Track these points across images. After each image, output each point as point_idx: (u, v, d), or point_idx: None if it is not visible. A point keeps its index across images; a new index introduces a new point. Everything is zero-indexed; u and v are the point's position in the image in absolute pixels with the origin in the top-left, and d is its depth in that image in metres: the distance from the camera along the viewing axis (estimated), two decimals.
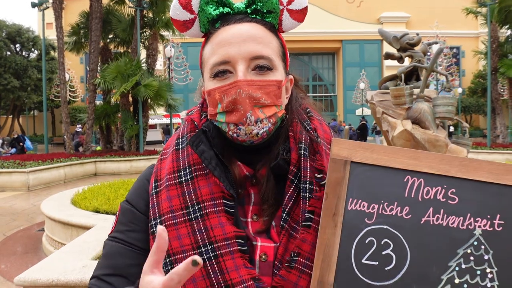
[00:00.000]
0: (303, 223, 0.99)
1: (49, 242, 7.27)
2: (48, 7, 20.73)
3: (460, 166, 0.93)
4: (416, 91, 4.78)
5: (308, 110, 1.15)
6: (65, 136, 21.04)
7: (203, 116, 1.14)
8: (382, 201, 0.94)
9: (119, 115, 21.63)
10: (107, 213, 6.94)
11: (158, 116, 35.64)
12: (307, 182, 1.01)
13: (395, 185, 0.95)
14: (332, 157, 0.97)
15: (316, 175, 1.03)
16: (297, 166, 1.04)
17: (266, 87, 1.00)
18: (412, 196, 0.93)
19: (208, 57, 1.05)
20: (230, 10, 1.06)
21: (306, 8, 1.09)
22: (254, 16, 1.06)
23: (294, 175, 1.04)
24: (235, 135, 1.01)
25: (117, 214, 1.16)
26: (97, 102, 21.92)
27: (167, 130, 34.77)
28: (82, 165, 17.84)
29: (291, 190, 1.03)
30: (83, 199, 7.78)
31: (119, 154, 20.10)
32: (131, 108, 21.81)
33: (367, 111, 35.76)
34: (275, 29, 1.09)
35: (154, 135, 34.47)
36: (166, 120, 34.31)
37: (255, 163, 1.08)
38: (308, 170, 1.03)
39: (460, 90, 41.62)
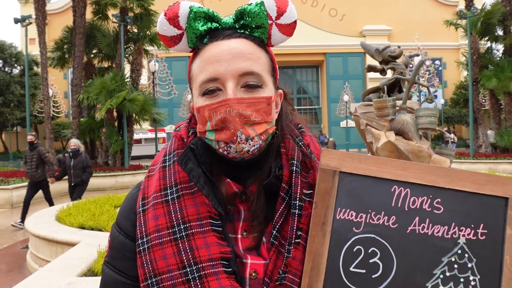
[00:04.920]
0: (295, 241, 0.99)
1: (34, 259, 7.17)
2: (31, 23, 20.66)
3: (446, 177, 0.95)
4: (399, 102, 4.84)
5: (299, 125, 1.15)
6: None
7: (190, 132, 1.13)
8: (369, 211, 0.96)
9: (104, 130, 21.51)
10: (92, 229, 6.88)
11: (143, 130, 35.47)
12: (297, 199, 1.01)
13: (382, 195, 0.97)
14: (321, 167, 0.99)
15: (305, 191, 1.03)
16: (288, 183, 1.04)
17: (256, 104, 0.99)
18: (399, 205, 0.96)
19: (197, 73, 1.04)
20: (218, 25, 1.05)
21: (295, 22, 1.08)
22: (242, 31, 1.05)
23: (286, 192, 1.03)
24: (225, 152, 1.00)
25: (109, 237, 1.16)
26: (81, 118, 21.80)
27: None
28: (66, 181, 17.60)
29: (282, 207, 1.02)
30: (68, 215, 7.70)
31: (104, 169, 19.94)
32: (116, 123, 21.72)
33: (352, 123, 36.03)
34: (264, 44, 1.08)
35: (139, 149, 34.25)
36: (151, 135, 34.04)
37: (245, 179, 1.07)
38: (299, 187, 1.03)
39: (442, 101, 42.14)
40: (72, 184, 10.99)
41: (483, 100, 29.91)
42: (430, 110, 4.63)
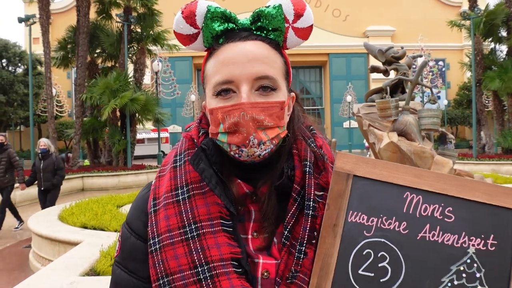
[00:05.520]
0: (308, 241, 0.99)
1: (36, 258, 7.19)
2: (35, 22, 20.71)
3: (457, 186, 0.95)
4: (402, 103, 4.84)
5: (311, 127, 1.15)
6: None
7: (201, 133, 1.12)
8: (381, 215, 0.97)
9: (107, 130, 21.55)
10: (94, 228, 6.89)
11: (146, 130, 35.52)
12: (311, 199, 1.01)
13: (394, 200, 0.97)
14: (335, 169, 1.00)
15: (317, 192, 1.03)
16: (300, 184, 1.04)
17: (270, 109, 0.99)
18: (411, 212, 0.95)
19: (211, 74, 1.03)
20: (235, 26, 1.04)
21: (311, 26, 1.08)
22: (258, 33, 1.04)
23: (298, 193, 1.03)
24: (236, 155, 1.00)
25: (119, 237, 1.16)
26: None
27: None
28: (69, 181, 17.66)
29: (294, 208, 1.02)
30: (71, 215, 7.72)
31: (106, 169, 20.00)
32: (119, 123, 21.75)
33: (354, 124, 36.00)
34: (280, 46, 1.08)
35: (142, 149, 34.29)
36: (154, 135, 34.12)
37: (256, 180, 1.07)
38: (312, 187, 1.03)
39: (445, 102, 42.11)
40: (42, 188, 9.81)
41: (487, 101, 29.83)
42: (433, 111, 4.63)
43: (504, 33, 24.60)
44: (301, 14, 1.06)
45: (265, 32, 1.05)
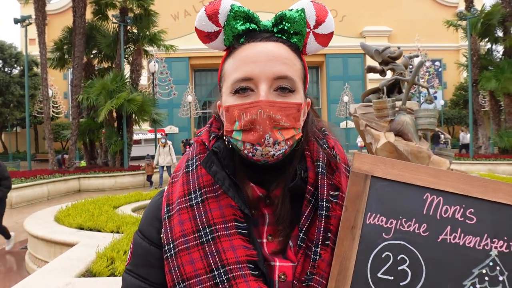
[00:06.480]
0: (323, 242, 0.99)
1: (32, 260, 7.17)
2: (31, 23, 20.67)
3: (479, 187, 0.94)
4: (398, 103, 4.84)
5: (323, 129, 1.15)
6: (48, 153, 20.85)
7: (212, 137, 1.11)
8: (400, 217, 0.95)
9: (103, 130, 21.51)
10: (91, 229, 6.88)
11: (142, 131, 35.46)
12: (324, 200, 1.01)
13: (414, 201, 0.95)
14: (353, 170, 0.98)
15: (331, 192, 1.02)
16: (314, 185, 1.04)
17: (287, 109, 0.99)
18: (431, 213, 0.94)
19: (230, 72, 1.03)
20: (256, 27, 1.05)
21: (332, 33, 1.09)
22: (280, 36, 1.05)
23: (312, 194, 1.03)
24: (250, 154, 0.99)
25: (131, 245, 1.15)
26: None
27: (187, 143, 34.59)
28: (65, 182, 17.65)
29: (308, 210, 1.02)
30: (67, 216, 7.70)
31: (103, 170, 19.96)
32: (115, 124, 21.72)
33: (351, 124, 36.01)
34: (299, 51, 1.08)
35: (139, 150, 34.25)
36: (151, 135, 34.07)
37: (268, 183, 1.06)
38: (325, 188, 1.02)
39: (442, 102, 42.20)
40: None
41: (483, 101, 29.89)
42: (430, 111, 4.64)
43: (500, 34, 24.66)
44: (323, 20, 1.07)
45: (286, 35, 1.05)
